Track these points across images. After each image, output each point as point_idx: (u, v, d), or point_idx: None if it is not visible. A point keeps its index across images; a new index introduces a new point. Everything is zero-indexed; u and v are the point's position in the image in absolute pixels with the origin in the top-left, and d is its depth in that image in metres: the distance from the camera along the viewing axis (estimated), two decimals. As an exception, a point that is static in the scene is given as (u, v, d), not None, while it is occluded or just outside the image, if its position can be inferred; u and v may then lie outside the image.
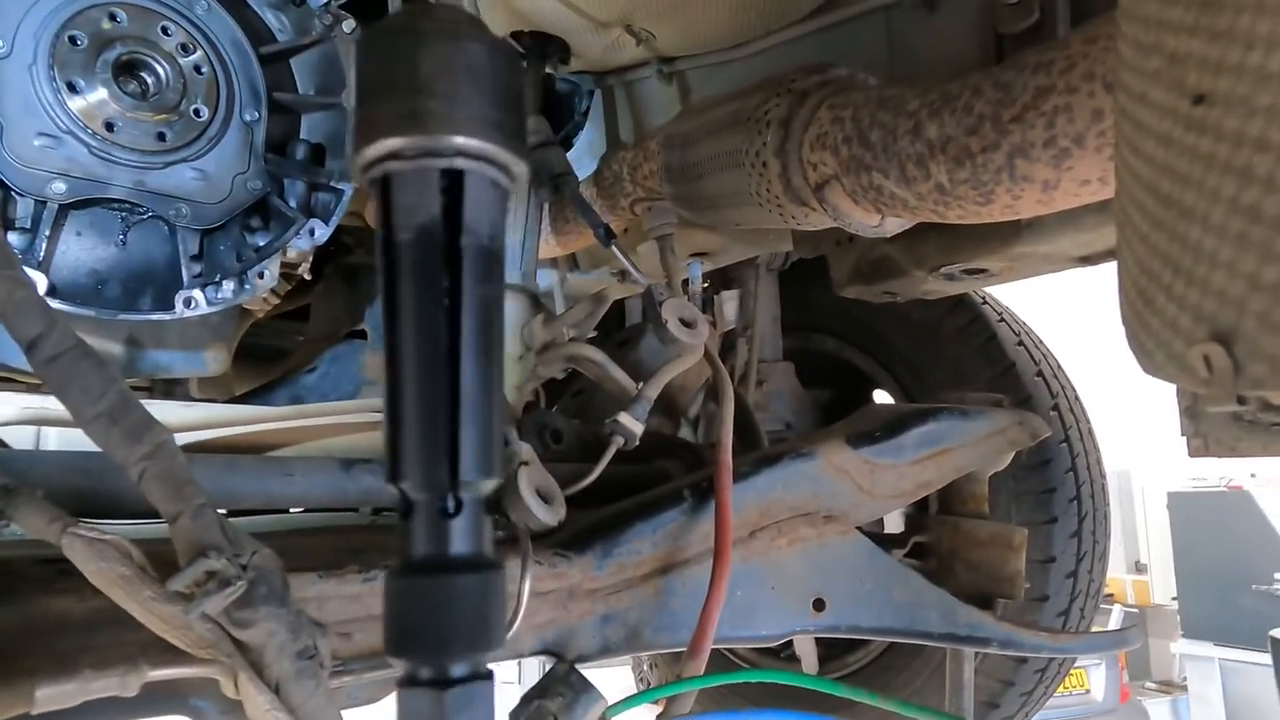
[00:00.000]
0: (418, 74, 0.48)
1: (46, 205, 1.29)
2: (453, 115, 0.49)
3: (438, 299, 0.49)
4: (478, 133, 0.49)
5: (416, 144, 0.49)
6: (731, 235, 1.67)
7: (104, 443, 0.61)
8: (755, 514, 0.98)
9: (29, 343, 0.63)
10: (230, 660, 0.56)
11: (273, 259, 1.49)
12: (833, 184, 0.83)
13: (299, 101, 1.56)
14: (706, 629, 0.82)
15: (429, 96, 0.49)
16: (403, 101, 0.48)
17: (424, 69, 0.48)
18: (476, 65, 0.50)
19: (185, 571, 0.55)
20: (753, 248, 1.77)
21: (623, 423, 1.01)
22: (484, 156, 0.50)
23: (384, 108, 0.49)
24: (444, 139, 0.48)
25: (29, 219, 1.31)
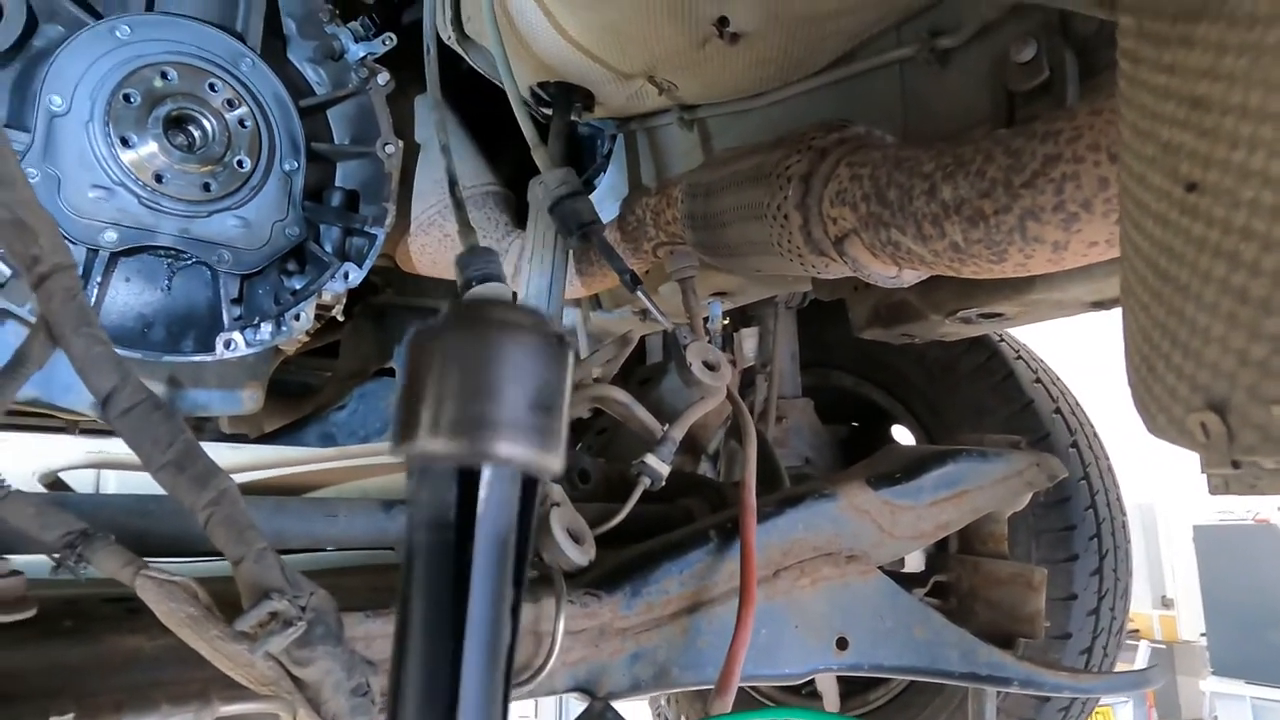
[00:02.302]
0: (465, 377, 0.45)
1: (99, 253, 1.36)
2: (492, 420, 0.45)
3: (445, 600, 0.46)
4: (516, 439, 0.45)
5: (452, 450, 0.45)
6: (751, 277, 1.71)
7: (172, 489, 0.66)
8: (779, 554, 1.00)
9: (104, 396, 0.68)
10: (290, 697, 0.60)
11: (309, 301, 1.55)
12: (852, 238, 0.87)
13: (335, 151, 1.63)
14: (733, 667, 0.84)
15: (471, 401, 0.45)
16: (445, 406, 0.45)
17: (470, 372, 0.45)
18: (522, 366, 0.46)
19: (250, 613, 0.59)
20: (771, 288, 1.82)
21: (650, 464, 1.05)
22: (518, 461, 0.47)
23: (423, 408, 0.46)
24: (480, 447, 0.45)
25: (82, 267, 1.38)
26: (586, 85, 1.66)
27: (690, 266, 1.49)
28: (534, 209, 1.58)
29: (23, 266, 0.68)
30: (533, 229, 1.57)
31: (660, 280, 1.91)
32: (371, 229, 1.62)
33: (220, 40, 1.44)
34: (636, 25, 1.40)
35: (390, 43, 1.60)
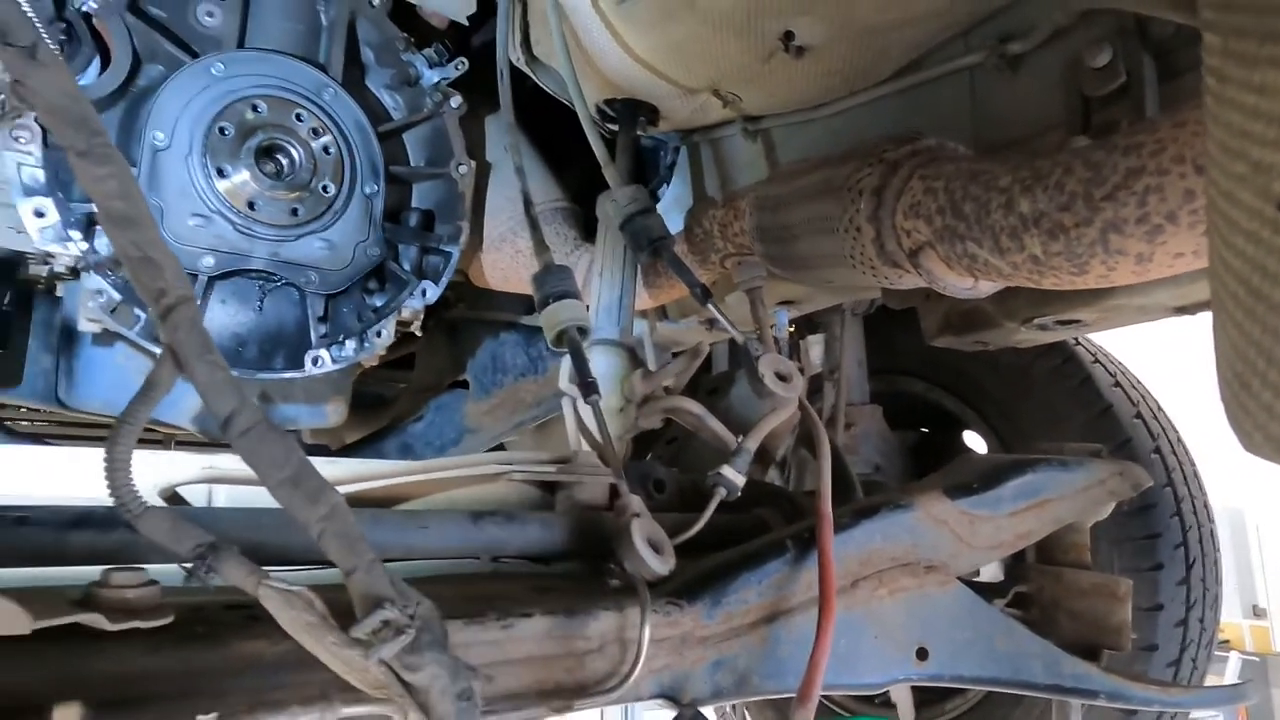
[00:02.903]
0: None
1: (198, 278, 1.45)
2: None
3: None
4: None
5: None
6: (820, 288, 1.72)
7: (288, 505, 0.70)
8: (856, 564, 1.01)
9: (225, 418, 0.73)
10: (401, 700, 0.64)
11: (389, 319, 1.62)
12: (927, 250, 0.88)
13: (412, 173, 1.69)
14: (815, 676, 0.85)
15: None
16: None
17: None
18: None
19: (365, 621, 0.63)
20: (838, 296, 1.81)
21: (725, 475, 1.06)
22: None
23: None
24: None
25: (182, 290, 1.47)
26: (651, 101, 1.70)
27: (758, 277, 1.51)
28: (603, 224, 1.61)
29: (150, 299, 0.74)
30: (602, 243, 1.60)
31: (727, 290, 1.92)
32: (447, 247, 1.68)
33: (305, 72, 1.51)
34: (702, 42, 1.42)
35: (462, 67, 1.66)
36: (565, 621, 0.82)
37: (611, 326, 1.48)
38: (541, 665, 0.80)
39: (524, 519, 1.00)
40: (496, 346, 2.16)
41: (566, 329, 1.16)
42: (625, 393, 1.37)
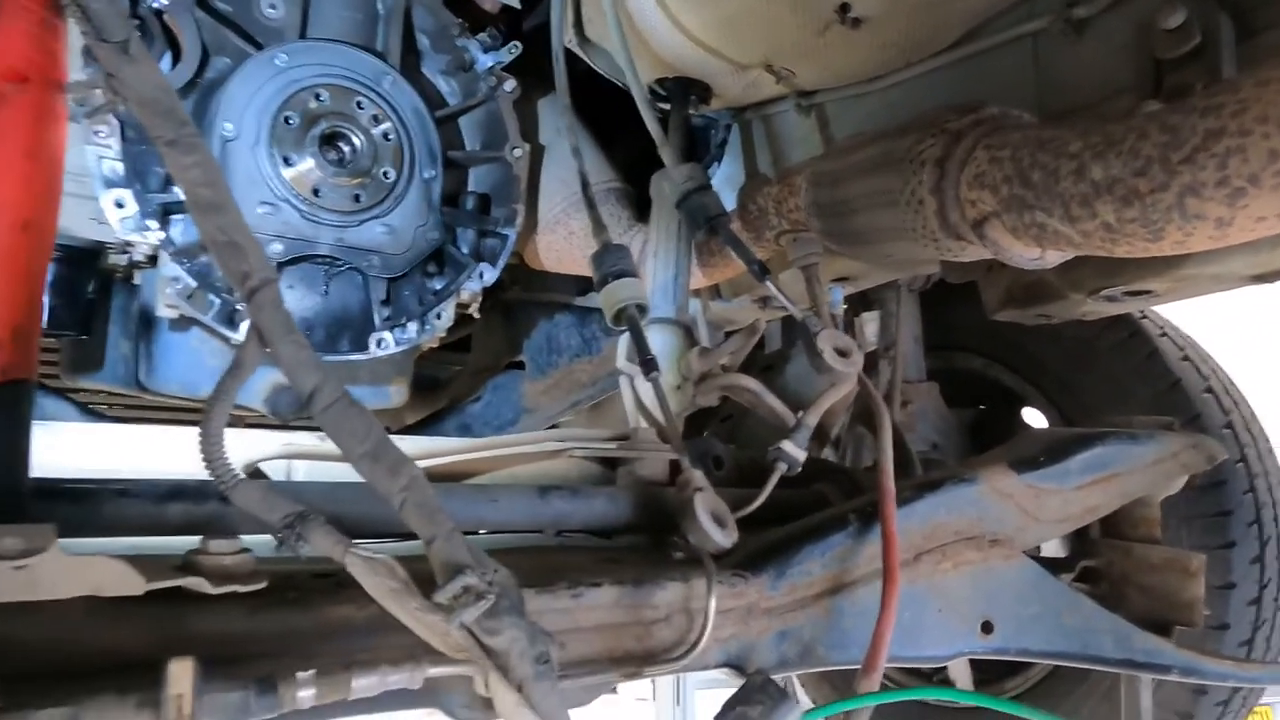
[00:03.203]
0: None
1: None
2: None
3: None
4: None
5: None
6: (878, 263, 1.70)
7: (369, 477, 0.73)
8: (919, 538, 1.01)
9: (308, 394, 0.76)
10: (481, 663, 0.67)
11: (449, 301, 1.65)
12: (992, 221, 0.87)
13: (469, 157, 1.72)
14: (880, 646, 0.86)
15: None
16: None
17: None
18: None
19: (447, 587, 0.65)
20: (895, 272, 1.79)
21: (786, 450, 1.07)
22: None
23: None
24: None
25: (252, 276, 1.52)
26: (703, 78, 1.69)
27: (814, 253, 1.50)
28: (657, 203, 1.62)
29: (235, 281, 0.78)
30: (656, 223, 1.61)
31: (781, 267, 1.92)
32: (503, 230, 1.70)
33: (364, 60, 1.54)
34: (756, 16, 1.41)
35: (516, 51, 1.67)
36: (633, 591, 0.84)
37: (667, 305, 1.49)
38: (611, 633, 0.82)
39: (589, 493, 1.02)
40: (551, 328, 2.18)
41: (625, 307, 1.18)
42: (682, 370, 1.38)
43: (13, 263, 0.66)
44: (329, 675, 0.61)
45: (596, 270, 1.21)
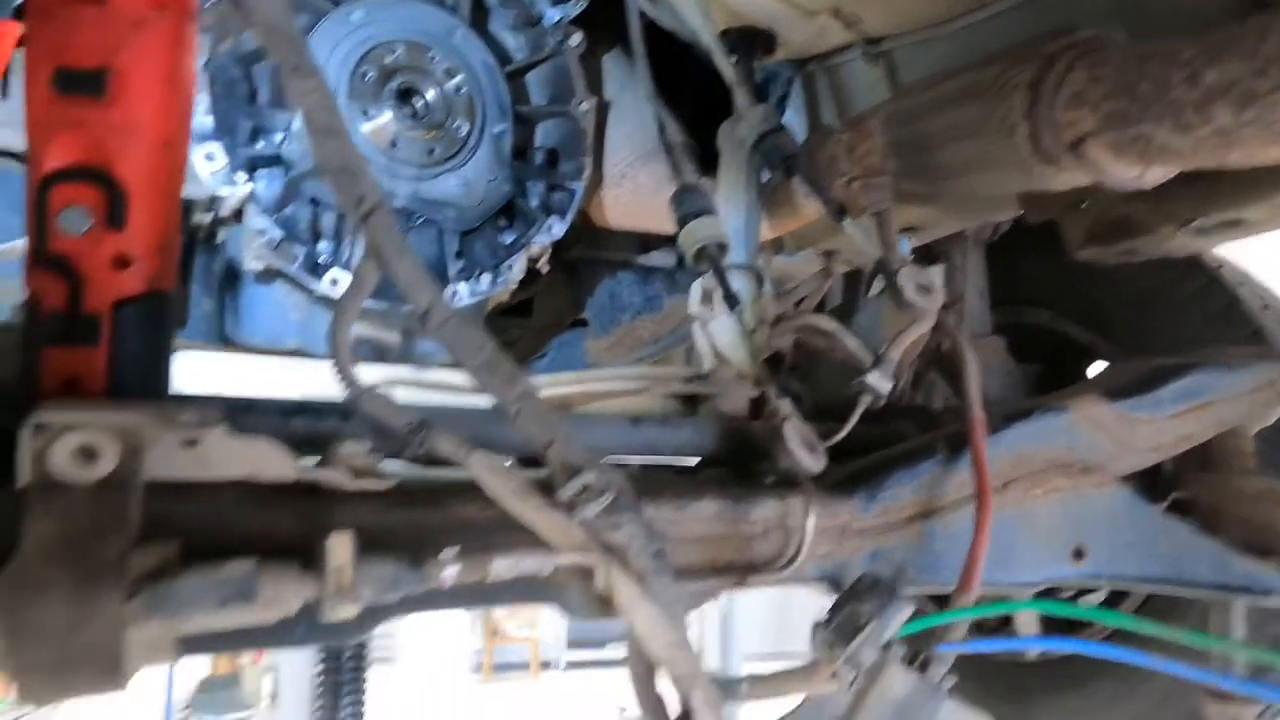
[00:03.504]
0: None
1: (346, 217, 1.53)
2: None
3: None
4: None
5: None
6: (944, 209, 1.68)
7: (486, 386, 0.76)
8: (1008, 466, 1.01)
9: (424, 310, 0.79)
10: (601, 558, 0.69)
11: (520, 254, 1.68)
12: (1091, 140, 0.86)
13: (536, 112, 1.74)
14: (975, 564, 0.87)
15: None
16: None
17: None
18: None
19: (569, 484, 0.68)
20: (964, 220, 1.78)
21: (870, 382, 1.07)
22: None
23: None
24: None
25: (332, 229, 1.56)
26: (769, 27, 1.68)
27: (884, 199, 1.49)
28: (726, 152, 1.62)
29: (349, 206, 0.81)
30: (725, 173, 1.62)
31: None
32: (571, 184, 1.72)
33: (436, 15, 1.57)
34: (827, -42, 1.40)
35: (582, 4, 1.68)
36: (732, 506, 0.86)
37: (740, 251, 1.49)
38: (712, 545, 0.84)
39: (677, 423, 1.04)
40: (614, 285, 2.20)
41: (706, 245, 1.19)
42: (758, 313, 1.39)
43: (155, 179, 0.70)
44: (471, 556, 0.64)
45: (676, 210, 1.22)
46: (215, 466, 0.57)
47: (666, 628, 0.67)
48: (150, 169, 0.70)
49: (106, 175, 0.67)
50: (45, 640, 0.47)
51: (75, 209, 0.67)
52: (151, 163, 0.70)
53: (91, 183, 0.67)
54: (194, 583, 0.52)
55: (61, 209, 0.67)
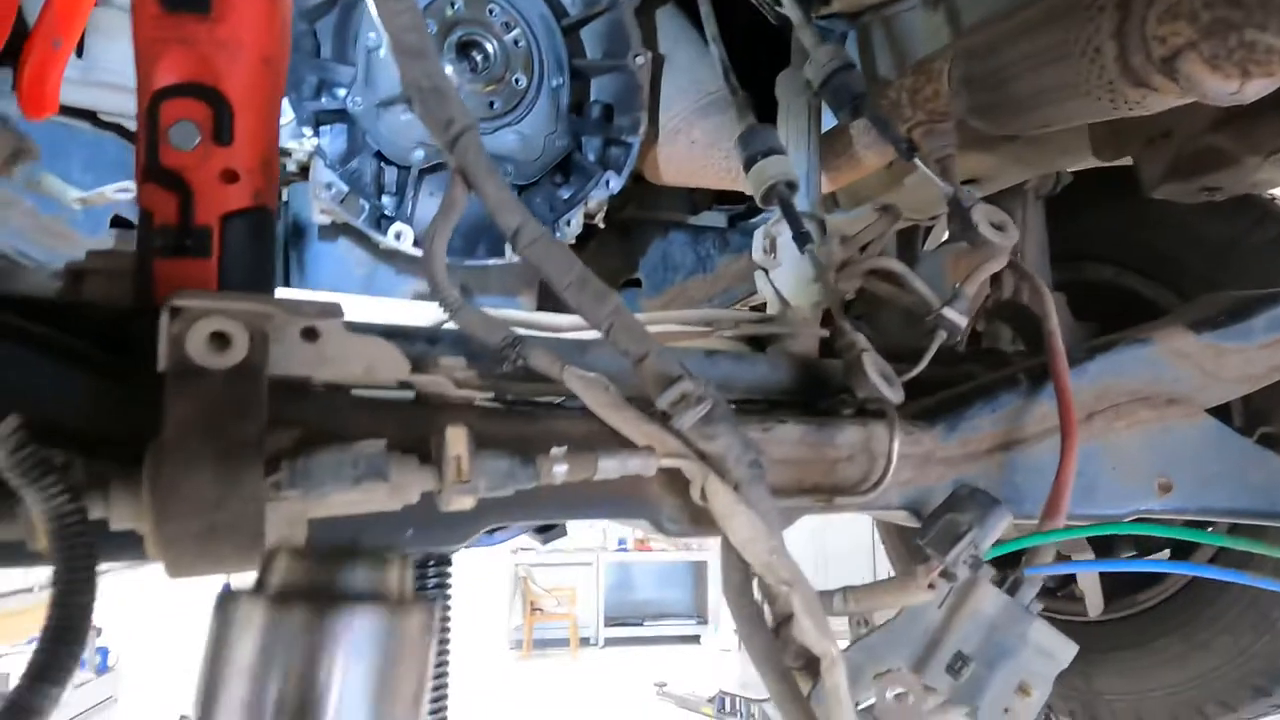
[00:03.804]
0: None
1: (410, 171, 1.55)
2: None
3: None
4: None
5: None
6: (1011, 155, 1.65)
7: (577, 304, 0.77)
8: (1090, 398, 1.00)
9: (512, 231, 0.80)
10: (699, 466, 0.69)
11: (577, 208, 1.69)
12: (1186, 53, 0.84)
13: (592, 66, 1.74)
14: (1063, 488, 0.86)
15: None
16: None
17: None
18: None
19: (667, 393, 0.68)
20: (1029, 169, 1.74)
21: (947, 315, 1.06)
22: None
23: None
24: None
25: (394, 184, 1.58)
26: (827, -24, 1.66)
27: (949, 144, 1.47)
28: (785, 101, 1.61)
29: (438, 127, 0.81)
30: (784, 123, 1.60)
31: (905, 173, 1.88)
32: (628, 138, 1.72)
33: (494, -31, 1.57)
34: (891, -104, 1.37)
35: (638, -44, 1.67)
36: (817, 430, 0.86)
37: (802, 201, 1.48)
38: (798, 467, 0.84)
39: (753, 357, 1.04)
40: (666, 246, 2.20)
41: (775, 184, 1.18)
42: (823, 258, 1.38)
43: (258, 95, 0.71)
44: (578, 455, 0.65)
45: (744, 150, 1.21)
46: (333, 363, 0.59)
47: (766, 534, 0.67)
48: (253, 85, 0.71)
49: (214, 91, 0.68)
50: (192, 512, 0.48)
51: (185, 124, 0.68)
52: (255, 79, 0.71)
53: (199, 98, 0.69)
54: (330, 458, 0.54)
55: (171, 124, 0.68)
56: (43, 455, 0.45)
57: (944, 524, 0.75)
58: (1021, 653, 0.80)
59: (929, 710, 0.77)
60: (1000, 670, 0.80)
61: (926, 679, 0.78)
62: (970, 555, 0.73)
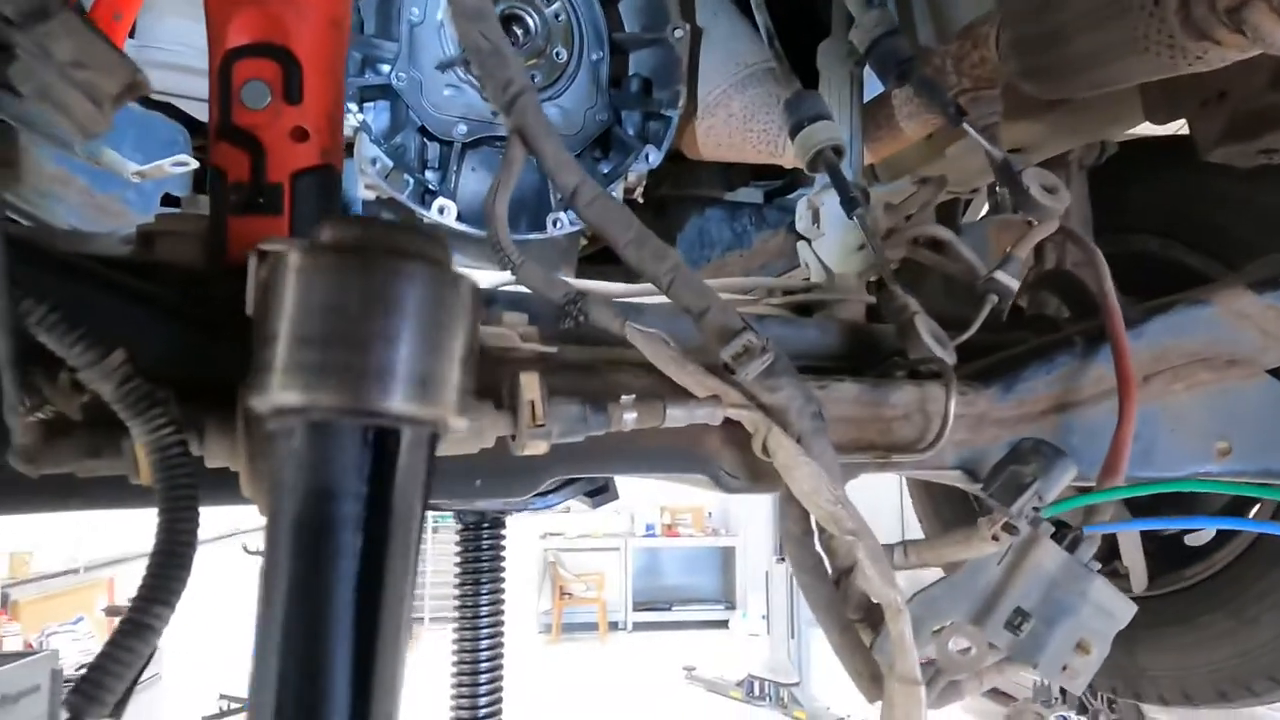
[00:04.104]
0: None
1: (452, 146, 1.56)
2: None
3: None
4: None
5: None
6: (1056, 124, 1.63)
7: (635, 261, 0.77)
8: (1148, 359, 0.99)
9: (571, 191, 0.81)
10: (762, 418, 0.70)
11: (617, 183, 1.69)
12: (1254, 2, 0.82)
13: (631, 39, 1.73)
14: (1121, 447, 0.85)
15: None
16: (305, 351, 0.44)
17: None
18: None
19: (730, 345, 0.69)
20: (1076, 137, 1.72)
21: (999, 279, 1.05)
22: None
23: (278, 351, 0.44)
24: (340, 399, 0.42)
25: (437, 159, 1.60)
26: (870, -57, 1.64)
27: (995, 111, 1.45)
28: (827, 71, 1.60)
29: (497, 89, 0.82)
30: (826, 93, 1.59)
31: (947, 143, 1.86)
32: (667, 111, 1.71)
33: (535, -59, 1.57)
34: None
35: (677, -73, 1.66)
36: (872, 389, 0.86)
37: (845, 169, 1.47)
38: (855, 425, 0.84)
39: (802, 321, 1.04)
40: (702, 222, 2.20)
41: (823, 149, 1.18)
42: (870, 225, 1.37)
43: (325, 55, 0.72)
44: (647, 402, 0.66)
45: (791, 116, 1.21)
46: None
47: (829, 484, 0.68)
48: (321, 45, 0.72)
49: (284, 50, 0.70)
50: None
51: (256, 83, 0.69)
52: (322, 39, 0.72)
53: (270, 58, 0.70)
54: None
55: (243, 84, 0.69)
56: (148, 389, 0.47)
57: (1008, 475, 0.75)
58: (1081, 610, 0.80)
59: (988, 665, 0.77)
60: (1060, 627, 0.80)
61: (986, 634, 0.78)
62: (1033, 508, 0.73)
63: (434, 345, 0.45)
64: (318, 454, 0.43)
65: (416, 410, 0.44)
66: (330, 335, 0.42)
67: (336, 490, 0.42)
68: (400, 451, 0.46)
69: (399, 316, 0.44)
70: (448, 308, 0.49)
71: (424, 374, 0.45)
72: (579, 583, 12.11)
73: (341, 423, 0.43)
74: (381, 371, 0.43)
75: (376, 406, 0.42)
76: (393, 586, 0.42)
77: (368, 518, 0.42)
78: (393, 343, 0.44)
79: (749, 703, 8.41)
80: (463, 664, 0.95)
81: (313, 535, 0.41)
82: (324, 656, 0.39)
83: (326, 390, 0.41)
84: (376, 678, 0.41)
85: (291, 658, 0.39)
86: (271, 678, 0.39)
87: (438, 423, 0.47)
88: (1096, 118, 1.57)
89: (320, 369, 0.42)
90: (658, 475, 0.78)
